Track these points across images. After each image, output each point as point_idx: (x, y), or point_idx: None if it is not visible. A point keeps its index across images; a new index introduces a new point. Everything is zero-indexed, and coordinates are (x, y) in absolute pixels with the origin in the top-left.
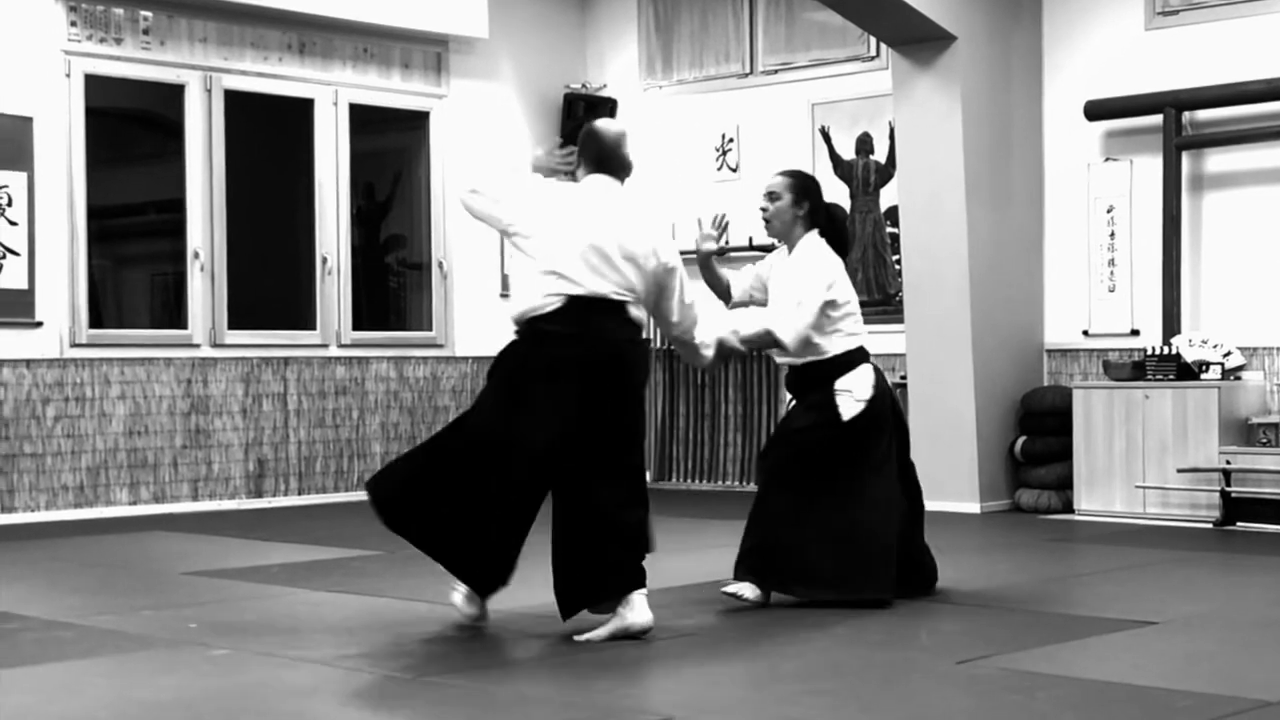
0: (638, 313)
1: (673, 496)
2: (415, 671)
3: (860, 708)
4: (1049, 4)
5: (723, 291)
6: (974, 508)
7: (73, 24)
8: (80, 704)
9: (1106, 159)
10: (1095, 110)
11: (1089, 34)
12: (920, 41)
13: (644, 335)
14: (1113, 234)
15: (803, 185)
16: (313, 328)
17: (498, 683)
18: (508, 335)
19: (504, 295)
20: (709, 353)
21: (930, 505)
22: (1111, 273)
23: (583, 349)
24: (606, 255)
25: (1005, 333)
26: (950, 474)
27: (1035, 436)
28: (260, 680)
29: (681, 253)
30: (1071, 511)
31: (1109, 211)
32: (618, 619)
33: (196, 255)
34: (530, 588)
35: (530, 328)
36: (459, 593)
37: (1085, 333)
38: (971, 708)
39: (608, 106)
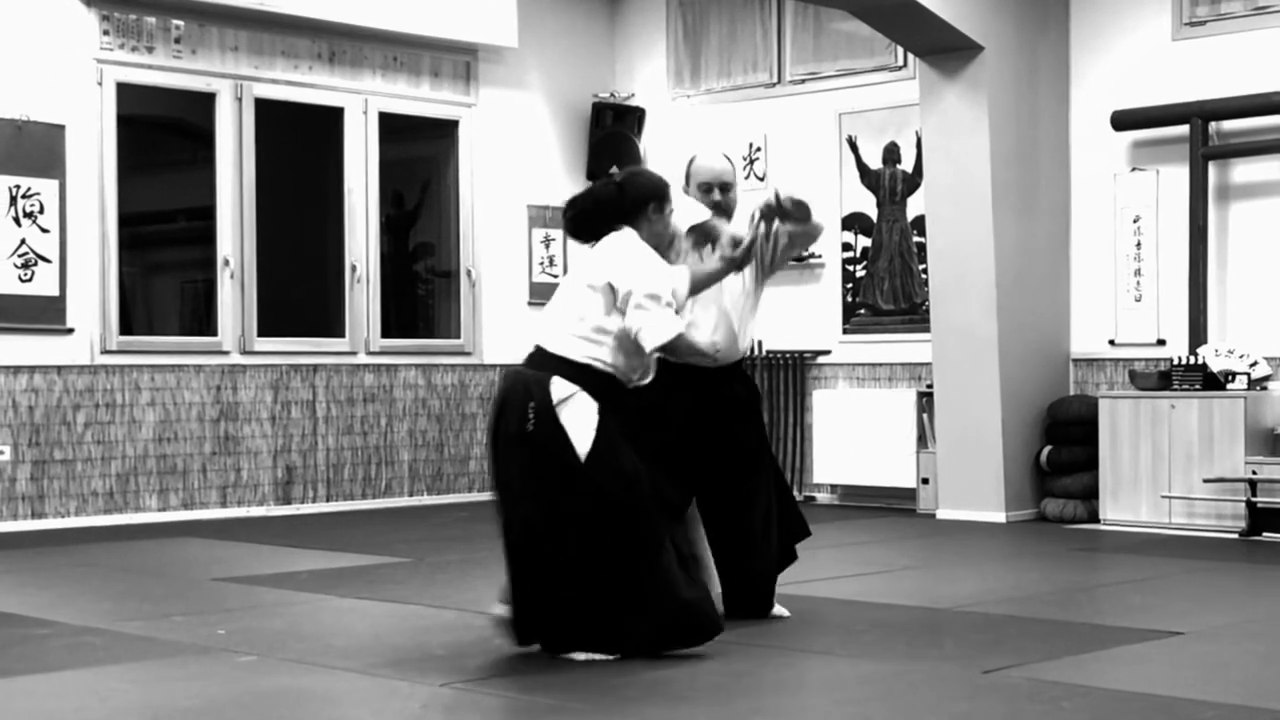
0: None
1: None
2: (444, 679)
3: (887, 716)
4: (1076, 14)
5: None
6: (999, 517)
7: (105, 33)
8: (109, 710)
9: (1133, 169)
10: (1122, 120)
11: (1116, 44)
12: (948, 51)
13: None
14: (1139, 244)
15: None
16: (341, 335)
17: (528, 691)
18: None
19: (532, 303)
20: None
21: (956, 514)
22: (1138, 282)
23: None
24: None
25: (1031, 342)
26: (976, 483)
27: (1061, 446)
28: (288, 687)
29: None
30: (1097, 521)
31: (1135, 221)
32: None
33: (226, 263)
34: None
35: None
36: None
37: (1111, 342)
38: (998, 717)
39: (635, 116)
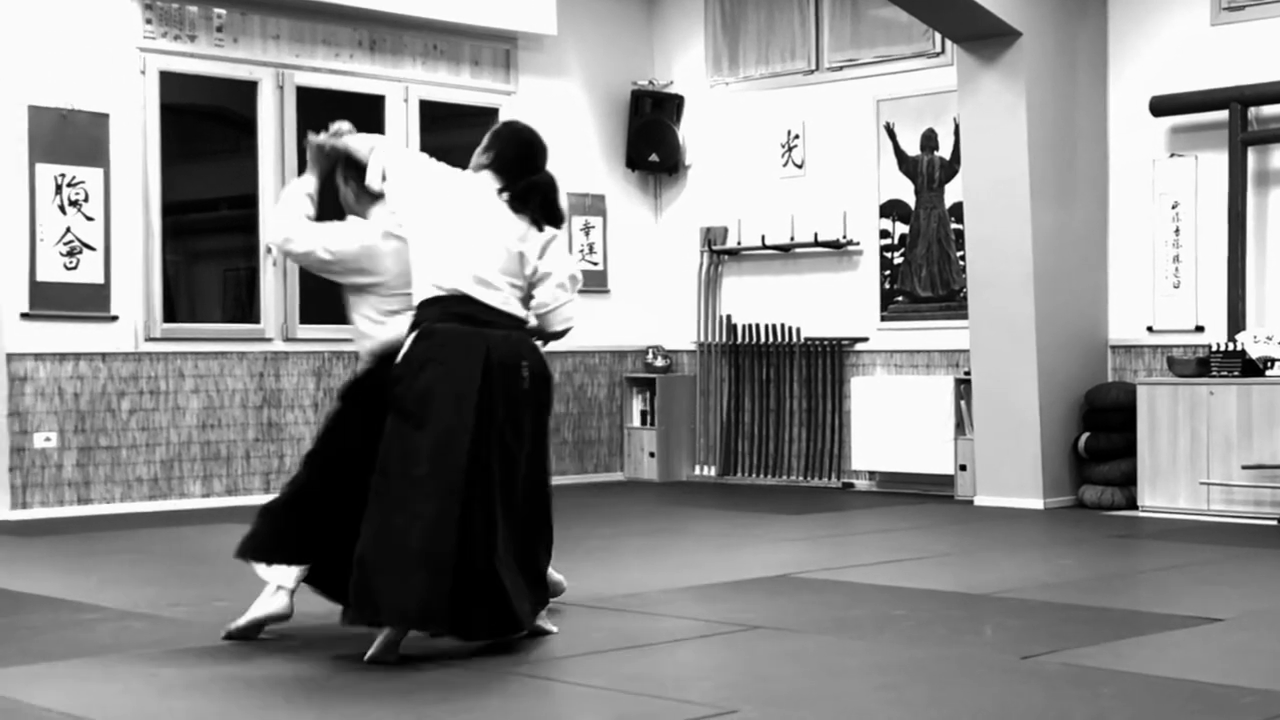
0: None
1: (737, 491)
2: (479, 661)
3: (927, 702)
4: (1114, 0)
5: None
6: (1037, 504)
7: (148, 21)
8: (153, 693)
9: (1171, 155)
10: (1160, 106)
11: (1155, 30)
12: (986, 38)
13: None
14: (1177, 230)
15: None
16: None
17: (552, 673)
18: (578, 328)
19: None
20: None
21: (994, 501)
22: (1176, 269)
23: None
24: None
25: (1069, 328)
26: (1014, 470)
27: (1099, 432)
28: (330, 671)
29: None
30: (1135, 508)
31: (1174, 208)
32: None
33: (268, 250)
34: (585, 579)
35: None
36: None
37: (1150, 329)
38: (1037, 703)
39: (674, 103)
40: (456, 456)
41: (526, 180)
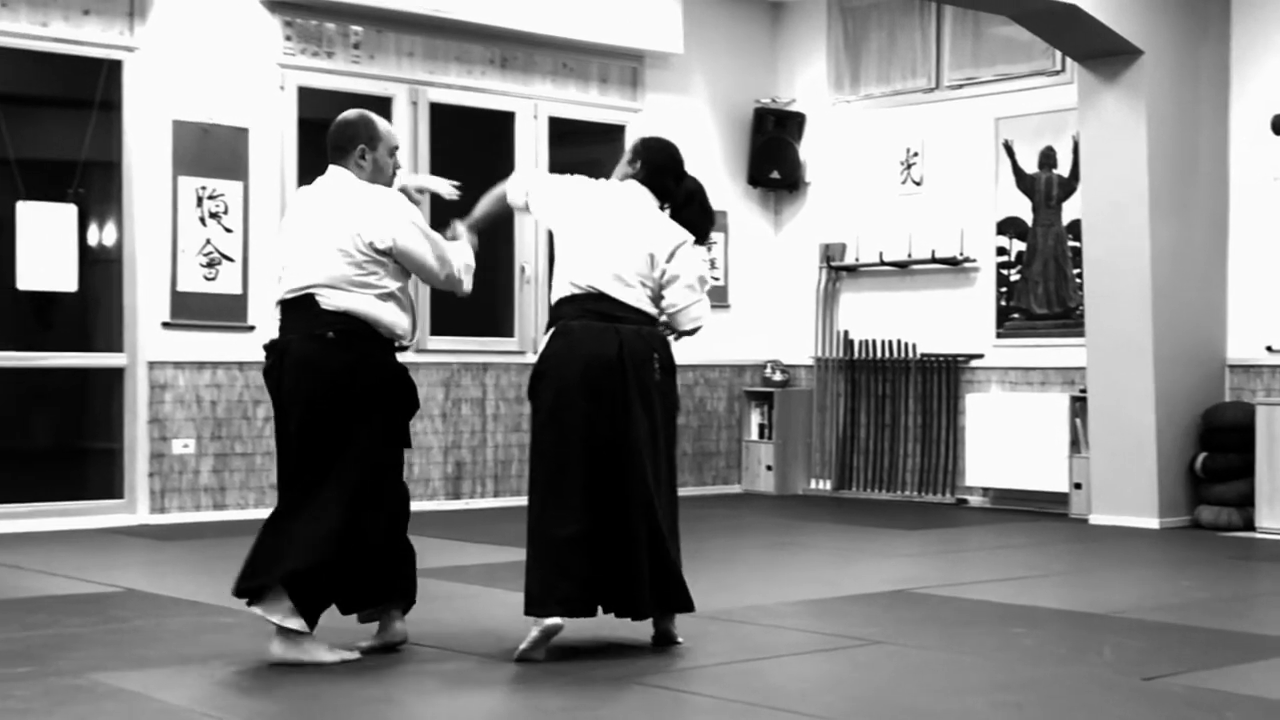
0: (345, 302)
1: (852, 505)
2: (602, 669)
3: None
4: (1237, 18)
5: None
6: (1153, 523)
7: (288, 39)
8: (285, 696)
9: None
10: None
11: (1277, 48)
12: (1107, 56)
13: (355, 325)
14: None
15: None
16: (511, 335)
17: (675, 684)
18: (699, 342)
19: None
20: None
21: (1109, 520)
22: None
23: (271, 358)
24: (303, 247)
25: (1187, 347)
26: (1130, 489)
27: (1216, 452)
28: (457, 678)
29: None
30: (1252, 529)
31: None
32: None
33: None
34: (706, 591)
35: None
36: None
37: (1269, 348)
38: None
39: (796, 121)
40: (594, 447)
41: (684, 189)
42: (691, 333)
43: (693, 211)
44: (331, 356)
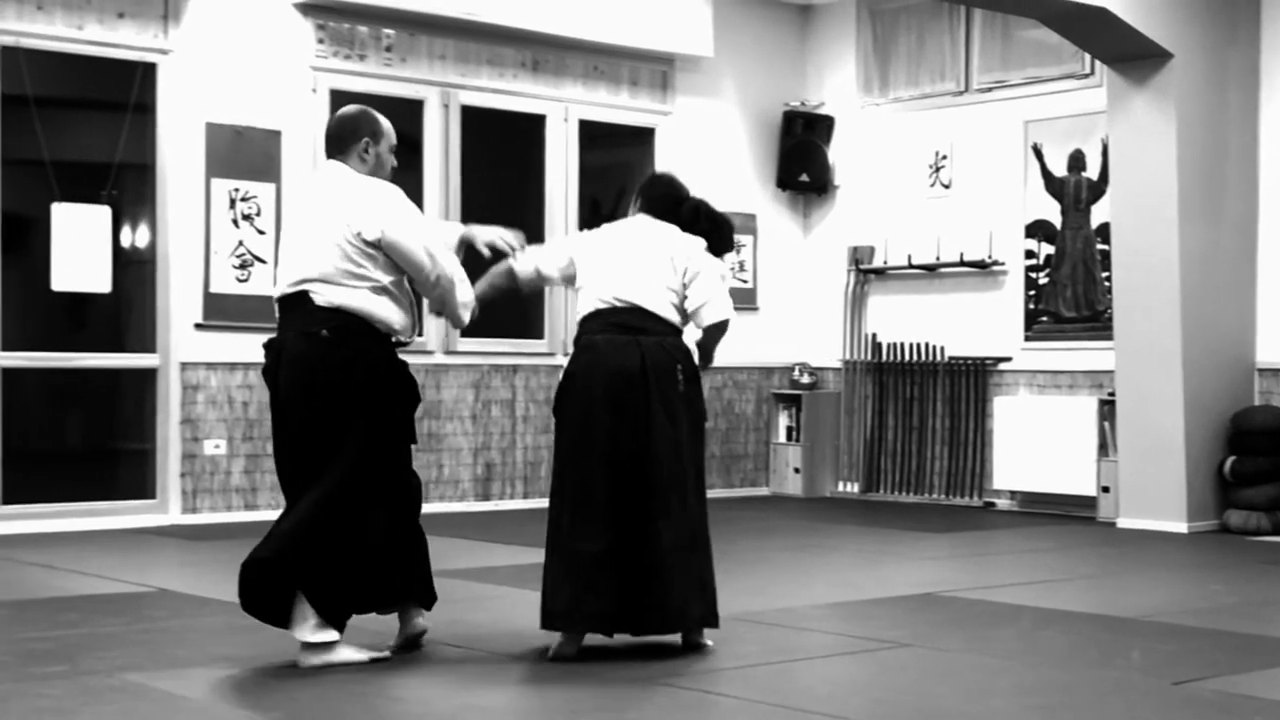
0: (338, 297)
1: (880, 508)
2: (634, 671)
3: None
4: (1267, 21)
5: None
6: (1181, 527)
7: (320, 41)
8: (317, 695)
9: None
10: None
11: None
12: (1136, 59)
13: (350, 321)
14: None
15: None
16: (541, 337)
17: (706, 685)
18: (727, 345)
19: None
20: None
21: (1137, 523)
22: None
23: (269, 357)
24: (297, 242)
25: (1216, 351)
26: (1158, 493)
27: (1245, 456)
28: (486, 677)
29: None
30: None
31: None
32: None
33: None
34: (735, 593)
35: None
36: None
37: None
38: None
39: (825, 124)
40: (618, 460)
41: (689, 208)
42: (722, 328)
43: (701, 227)
44: (326, 354)
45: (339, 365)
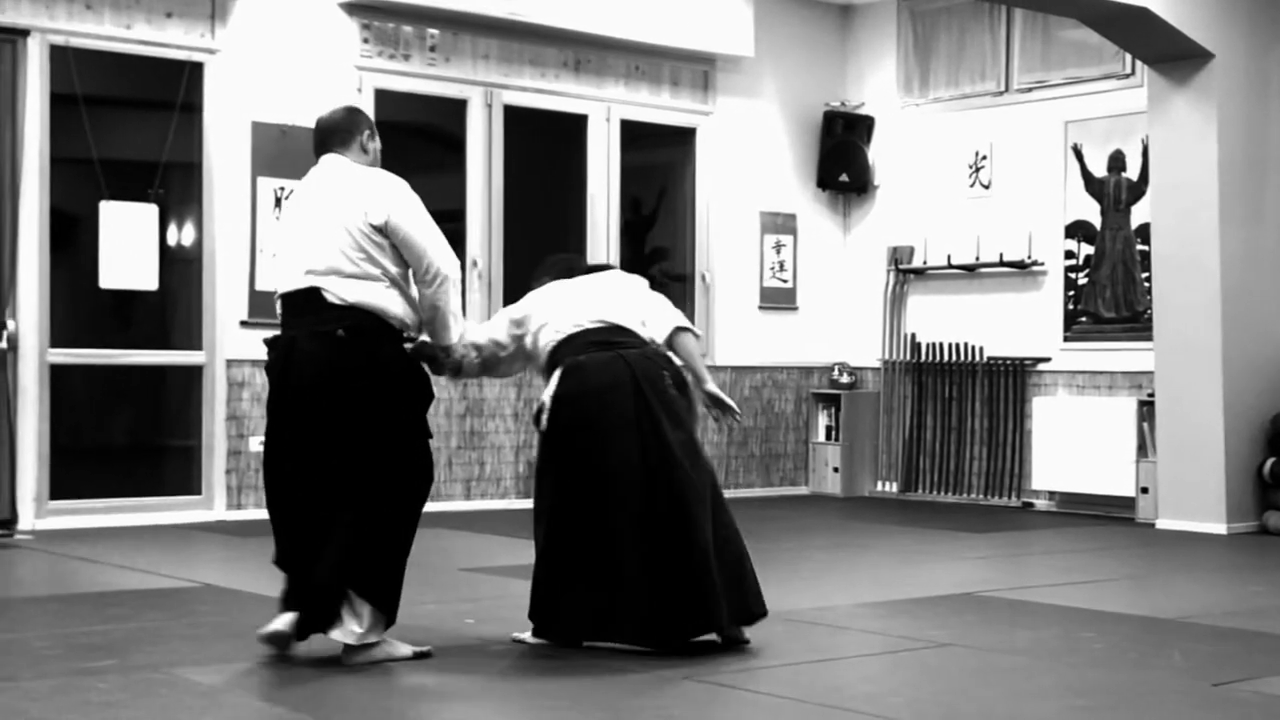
0: (352, 295)
1: (918, 507)
2: (671, 668)
3: None
4: None
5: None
6: (1220, 529)
7: (365, 41)
8: (362, 689)
9: None
10: None
11: None
12: (1177, 59)
13: (367, 320)
14: None
15: None
16: None
17: (745, 683)
18: (767, 344)
19: (763, 307)
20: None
21: (1175, 524)
22: None
23: (274, 355)
24: (303, 236)
25: (1256, 352)
26: (1197, 493)
27: None
28: (524, 670)
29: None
30: None
31: None
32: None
33: (475, 264)
34: (774, 592)
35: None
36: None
37: None
38: None
39: (865, 124)
40: (623, 474)
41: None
42: (686, 333)
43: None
44: (343, 356)
45: (356, 367)
